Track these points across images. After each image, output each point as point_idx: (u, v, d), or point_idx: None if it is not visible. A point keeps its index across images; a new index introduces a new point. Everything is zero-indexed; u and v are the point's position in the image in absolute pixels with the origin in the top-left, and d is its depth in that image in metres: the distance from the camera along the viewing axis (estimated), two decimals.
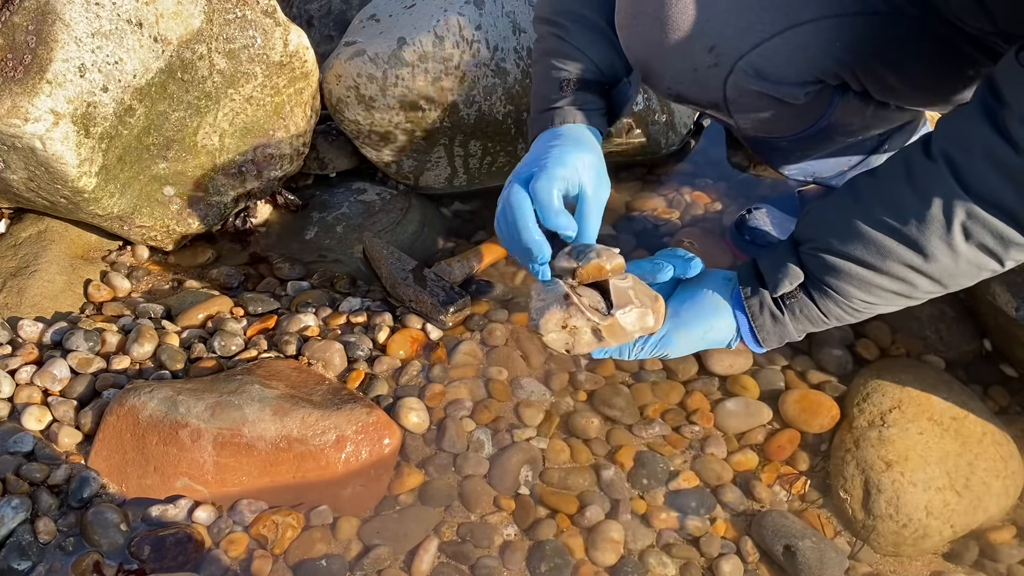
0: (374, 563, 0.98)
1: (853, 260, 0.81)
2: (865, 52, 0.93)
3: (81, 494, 1.00)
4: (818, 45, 0.91)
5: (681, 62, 0.94)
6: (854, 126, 1.07)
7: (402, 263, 1.28)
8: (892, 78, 0.96)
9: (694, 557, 1.01)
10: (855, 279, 0.82)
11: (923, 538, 1.00)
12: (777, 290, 0.86)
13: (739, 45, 0.90)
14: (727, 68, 0.93)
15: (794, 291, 0.86)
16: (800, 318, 0.88)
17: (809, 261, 0.85)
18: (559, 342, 0.87)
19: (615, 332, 0.87)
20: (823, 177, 1.19)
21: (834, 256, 0.82)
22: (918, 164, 0.77)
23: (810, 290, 0.86)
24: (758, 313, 0.88)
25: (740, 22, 0.89)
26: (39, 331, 1.18)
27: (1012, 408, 1.15)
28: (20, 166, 1.13)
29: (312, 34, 1.56)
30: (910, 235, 0.77)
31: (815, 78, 0.95)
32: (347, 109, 1.37)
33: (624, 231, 1.42)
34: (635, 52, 0.97)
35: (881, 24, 0.90)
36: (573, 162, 0.90)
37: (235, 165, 1.33)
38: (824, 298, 0.85)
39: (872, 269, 0.81)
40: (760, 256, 0.90)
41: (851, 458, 1.05)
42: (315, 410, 1.06)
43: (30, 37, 1.07)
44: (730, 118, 1.03)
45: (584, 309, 0.85)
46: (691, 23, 0.90)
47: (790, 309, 0.87)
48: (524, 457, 1.09)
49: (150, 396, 1.04)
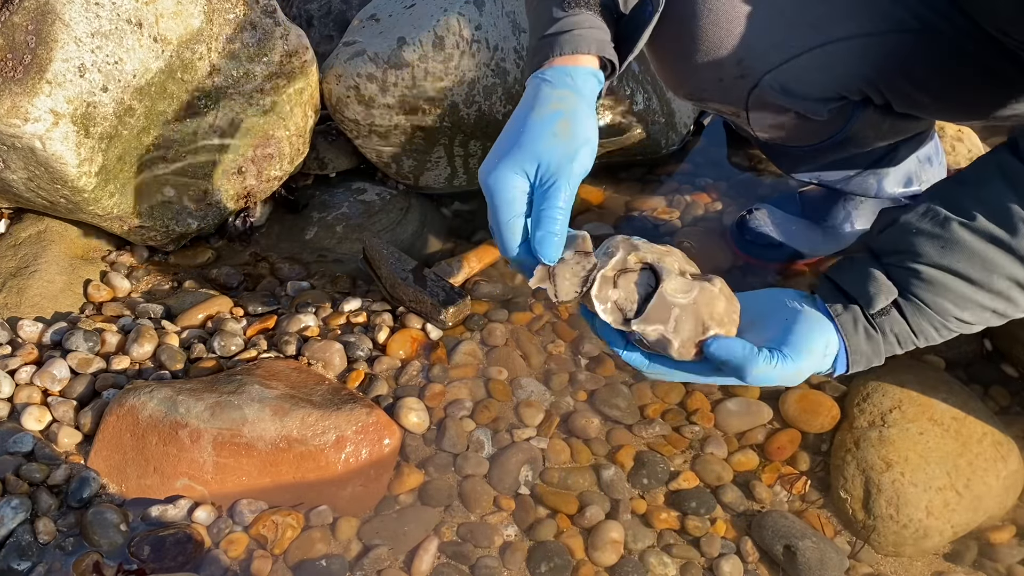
0: (374, 563, 0.98)
1: (954, 273, 0.74)
2: (893, 70, 0.92)
3: (81, 494, 1.00)
4: (847, 63, 0.91)
5: (707, 72, 0.93)
6: (869, 137, 1.06)
7: (402, 263, 1.28)
8: (919, 95, 0.95)
9: (694, 557, 1.01)
10: (954, 294, 0.75)
11: (923, 538, 1.00)
12: (873, 306, 0.77)
13: (768, 59, 0.90)
14: (753, 81, 0.93)
15: (886, 308, 0.77)
16: (890, 338, 0.78)
17: (899, 275, 0.76)
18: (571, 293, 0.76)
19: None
20: (829, 180, 1.19)
21: (933, 268, 0.74)
22: (1015, 169, 0.73)
23: (902, 307, 0.77)
24: (852, 332, 0.78)
25: (771, 37, 0.89)
26: (39, 331, 1.18)
27: (1013, 408, 1.15)
28: (20, 166, 1.13)
29: (312, 34, 1.56)
30: (1017, 247, 0.71)
31: (839, 95, 0.95)
32: (347, 109, 1.37)
33: (624, 231, 1.42)
34: (660, 58, 0.97)
35: (912, 42, 0.90)
36: (545, 140, 0.76)
37: (235, 165, 1.33)
38: (918, 315, 0.77)
39: (975, 284, 0.74)
40: (834, 271, 0.81)
41: (851, 458, 1.05)
42: (315, 410, 1.06)
43: (30, 37, 1.07)
44: (748, 126, 1.03)
45: (603, 302, 0.75)
46: (722, 34, 0.89)
47: (881, 328, 0.78)
48: (524, 457, 1.09)
49: (150, 396, 1.04)
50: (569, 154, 0.74)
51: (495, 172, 0.75)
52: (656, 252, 0.77)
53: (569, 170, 0.74)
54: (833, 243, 1.31)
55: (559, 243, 0.75)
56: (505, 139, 0.78)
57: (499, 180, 0.75)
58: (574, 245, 0.76)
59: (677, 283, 0.76)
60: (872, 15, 0.89)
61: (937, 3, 0.88)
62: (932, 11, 0.88)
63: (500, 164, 0.75)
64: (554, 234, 0.74)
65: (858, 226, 1.28)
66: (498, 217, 0.76)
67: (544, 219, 0.74)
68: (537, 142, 0.75)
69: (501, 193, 0.75)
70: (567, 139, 0.75)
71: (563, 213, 0.74)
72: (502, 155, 0.76)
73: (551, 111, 0.76)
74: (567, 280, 0.75)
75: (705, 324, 0.75)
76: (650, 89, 1.43)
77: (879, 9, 0.89)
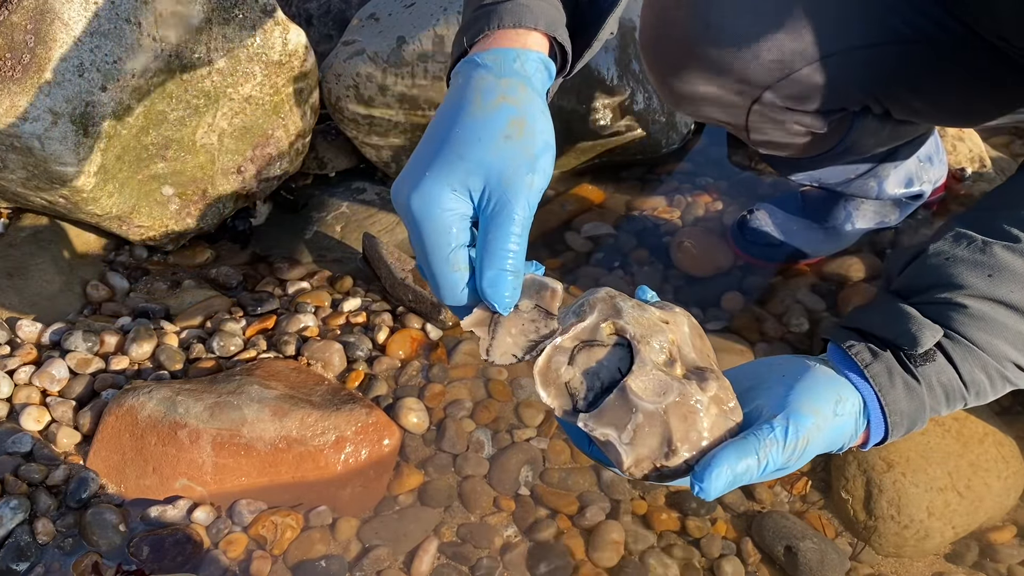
0: (373, 564, 0.98)
1: (1010, 306, 0.59)
2: (892, 80, 0.92)
3: (80, 494, 1.00)
4: (845, 76, 0.90)
5: (706, 87, 0.93)
6: (869, 145, 1.06)
7: (402, 263, 1.28)
8: (918, 103, 0.95)
9: (695, 558, 1.00)
10: (1012, 332, 0.59)
11: (924, 539, 1.00)
12: (920, 344, 0.59)
13: (767, 75, 0.90)
14: (753, 96, 0.93)
15: (929, 353, 0.60)
16: (936, 391, 0.60)
17: (938, 313, 0.60)
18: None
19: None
20: (829, 183, 1.18)
21: (982, 301, 0.59)
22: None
23: (948, 351, 0.60)
24: (887, 384, 0.59)
25: (770, 53, 0.88)
26: (37, 331, 1.17)
27: (1014, 408, 1.15)
28: (18, 165, 1.12)
29: (311, 33, 1.55)
30: None
31: (839, 106, 0.95)
32: (346, 108, 1.36)
33: (624, 231, 1.42)
34: (658, 73, 0.97)
35: (909, 52, 0.89)
36: (488, 148, 0.56)
37: (234, 165, 1.33)
38: (969, 360, 0.60)
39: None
40: (851, 319, 0.64)
41: (852, 459, 1.05)
42: (314, 411, 1.06)
43: (29, 36, 1.07)
44: (747, 139, 1.02)
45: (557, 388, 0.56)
46: (720, 51, 0.89)
47: (925, 379, 0.60)
48: (524, 457, 1.09)
49: (149, 396, 1.04)
50: (527, 163, 0.56)
51: (420, 191, 0.55)
52: (644, 324, 0.56)
53: (526, 184, 0.56)
54: (834, 243, 1.31)
55: (515, 285, 0.56)
56: (430, 146, 0.58)
57: (429, 202, 0.55)
58: (537, 296, 0.58)
59: (650, 379, 0.54)
60: (869, 26, 0.89)
61: (932, 12, 0.87)
62: (928, 20, 0.88)
63: (427, 179, 0.56)
64: (508, 272, 0.55)
65: (859, 226, 1.28)
66: (430, 253, 0.56)
67: (495, 253, 0.55)
68: (481, 147, 0.56)
69: (432, 220, 0.55)
70: (523, 143, 0.56)
71: (520, 243, 0.56)
72: (428, 167, 0.56)
73: (497, 106, 0.57)
74: (510, 337, 0.57)
75: (672, 445, 0.53)
76: (650, 89, 1.43)
77: (875, 20, 0.89)
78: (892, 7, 0.88)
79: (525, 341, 0.57)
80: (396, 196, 0.57)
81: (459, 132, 0.57)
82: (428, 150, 0.57)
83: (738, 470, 0.53)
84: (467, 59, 0.61)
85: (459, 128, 0.57)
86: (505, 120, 0.57)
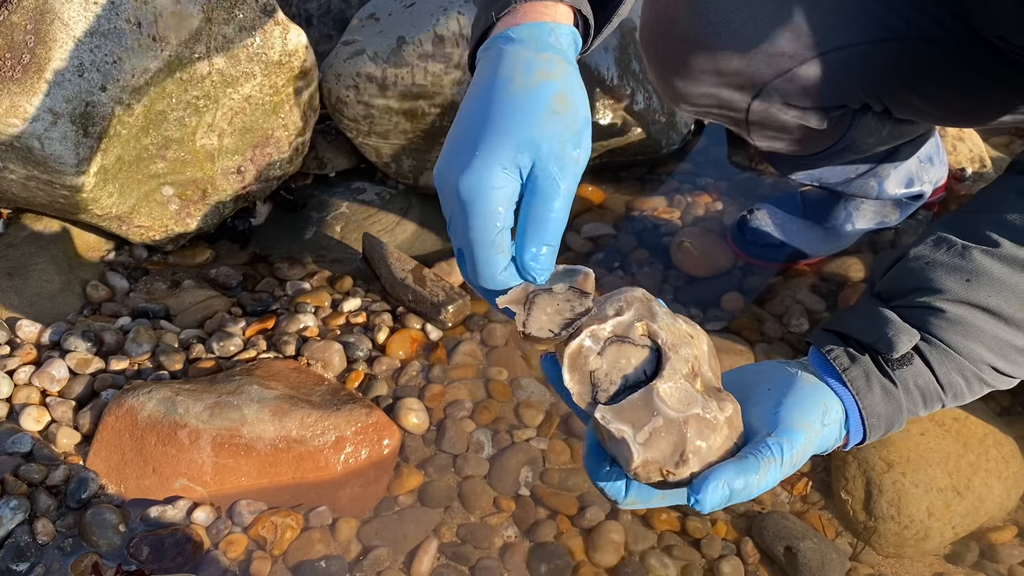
0: (373, 564, 0.98)
1: (986, 310, 0.61)
2: (891, 77, 0.92)
3: (79, 495, 1.00)
4: (844, 73, 0.90)
5: (707, 84, 0.94)
6: (869, 144, 1.06)
7: (402, 263, 1.27)
8: (918, 101, 0.95)
9: (695, 558, 1.00)
10: (988, 336, 0.61)
11: (924, 539, 1.00)
12: (896, 348, 0.61)
13: (767, 71, 0.90)
14: (753, 93, 0.93)
15: (907, 356, 0.62)
16: (913, 394, 0.62)
17: (917, 317, 0.62)
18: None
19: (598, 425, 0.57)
20: (830, 183, 1.18)
21: (959, 305, 0.61)
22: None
23: (925, 354, 0.62)
24: (865, 389, 0.61)
25: (770, 49, 0.88)
26: (37, 331, 1.17)
27: (1014, 409, 1.15)
28: (18, 165, 1.12)
29: (311, 33, 1.55)
30: None
31: (839, 104, 0.95)
32: (346, 108, 1.36)
33: (624, 231, 1.42)
34: (659, 71, 0.97)
35: (909, 50, 0.89)
36: (533, 123, 0.56)
37: (234, 165, 1.33)
38: (945, 363, 0.62)
39: (1010, 323, 0.61)
40: (833, 322, 0.66)
41: (852, 459, 1.05)
42: (314, 411, 1.05)
43: (29, 36, 1.07)
44: (748, 136, 1.03)
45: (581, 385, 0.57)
46: (720, 47, 0.89)
47: (902, 382, 0.62)
48: (524, 458, 1.09)
49: (149, 396, 1.04)
50: (573, 138, 0.56)
51: (471, 172, 0.55)
52: (675, 333, 0.58)
53: (572, 159, 0.56)
54: (834, 243, 1.31)
55: (554, 260, 0.58)
56: (472, 125, 0.57)
57: (480, 183, 0.55)
58: (570, 280, 0.60)
59: (678, 388, 0.56)
60: (868, 24, 0.89)
61: (933, 10, 0.88)
62: (927, 18, 0.88)
63: (478, 159, 0.55)
64: (552, 246, 0.57)
65: (859, 226, 1.28)
66: (477, 236, 0.56)
67: (542, 227, 0.56)
68: (529, 123, 0.55)
69: (483, 201, 0.55)
70: (568, 118, 0.56)
71: (564, 217, 0.57)
72: (476, 147, 0.55)
73: (539, 82, 0.57)
74: (545, 315, 0.58)
75: (684, 455, 0.55)
76: (650, 89, 1.43)
77: (874, 18, 0.89)
78: (891, 5, 0.88)
79: (560, 319, 0.58)
80: (442, 181, 0.57)
81: (503, 109, 0.56)
82: (470, 130, 0.57)
83: (735, 486, 0.54)
84: (498, 34, 0.60)
85: (502, 105, 0.56)
86: (549, 95, 0.56)
